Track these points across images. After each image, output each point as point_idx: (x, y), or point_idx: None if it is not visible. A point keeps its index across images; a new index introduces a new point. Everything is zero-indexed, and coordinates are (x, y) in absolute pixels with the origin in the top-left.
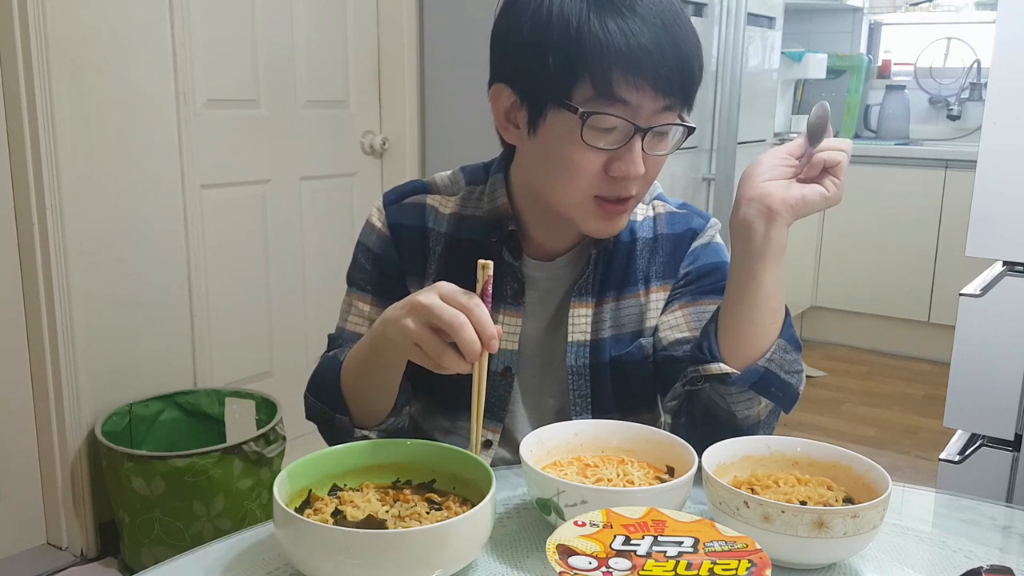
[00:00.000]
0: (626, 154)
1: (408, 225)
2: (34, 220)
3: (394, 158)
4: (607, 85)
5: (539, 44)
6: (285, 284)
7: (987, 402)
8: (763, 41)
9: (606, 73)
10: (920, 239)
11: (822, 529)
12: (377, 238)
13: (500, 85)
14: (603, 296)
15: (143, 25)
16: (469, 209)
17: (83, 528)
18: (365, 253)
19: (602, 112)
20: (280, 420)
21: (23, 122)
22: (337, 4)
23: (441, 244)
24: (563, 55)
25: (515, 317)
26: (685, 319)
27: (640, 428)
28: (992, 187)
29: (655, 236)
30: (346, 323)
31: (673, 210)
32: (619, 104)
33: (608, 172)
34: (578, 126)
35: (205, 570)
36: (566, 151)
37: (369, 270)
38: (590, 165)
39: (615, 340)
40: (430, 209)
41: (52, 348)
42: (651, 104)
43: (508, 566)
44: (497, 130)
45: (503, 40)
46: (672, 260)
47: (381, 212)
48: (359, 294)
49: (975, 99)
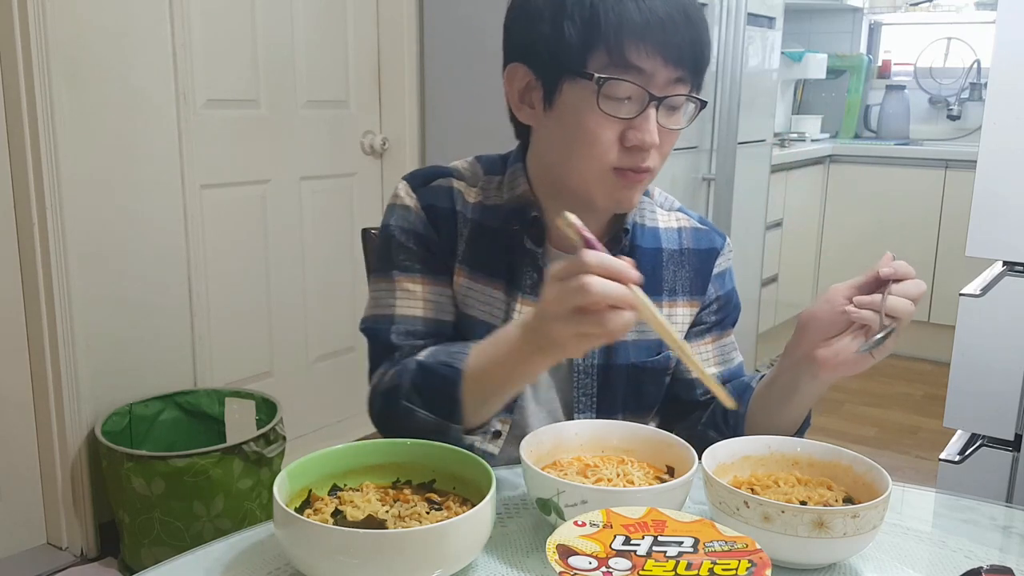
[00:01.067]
0: (642, 123)
1: (440, 207)
2: (34, 220)
3: (394, 158)
4: (621, 53)
5: (555, 15)
6: (285, 284)
7: (987, 402)
8: (763, 41)
9: (620, 41)
10: (920, 239)
11: (822, 529)
12: (416, 218)
13: (515, 65)
14: None
15: (143, 25)
16: (491, 199)
17: (83, 528)
18: (405, 234)
19: (617, 78)
20: (280, 420)
21: (23, 122)
22: (337, 4)
23: (468, 228)
24: (578, 25)
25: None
26: (714, 354)
27: (640, 428)
28: (992, 187)
29: (681, 249)
30: (395, 308)
31: (697, 225)
32: (633, 72)
33: (623, 143)
34: (594, 95)
35: (205, 570)
36: (583, 121)
37: (415, 249)
38: (606, 135)
39: (635, 345)
40: (457, 193)
41: (52, 348)
42: (664, 74)
43: (508, 566)
44: (511, 114)
45: (519, 17)
46: (698, 277)
47: (412, 195)
48: (406, 276)
49: (975, 99)
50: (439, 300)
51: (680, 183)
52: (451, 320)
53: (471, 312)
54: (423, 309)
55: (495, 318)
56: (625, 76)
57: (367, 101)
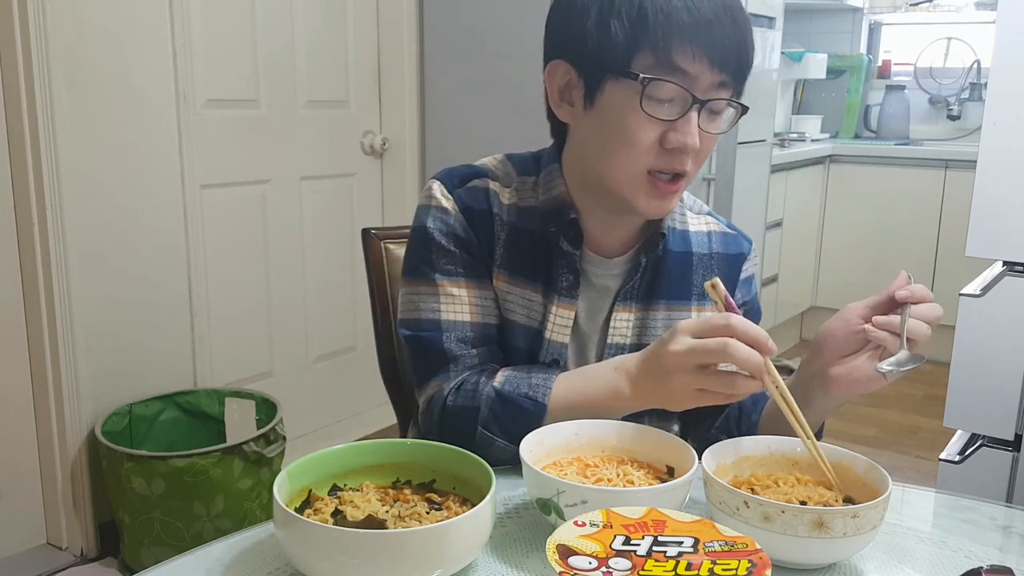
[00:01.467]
0: (684, 125)
1: (477, 209)
2: (34, 220)
3: (394, 158)
4: (667, 54)
5: (601, 13)
6: (285, 284)
7: (987, 402)
8: (763, 41)
9: (668, 43)
10: (920, 239)
11: (822, 529)
12: (455, 220)
13: (557, 62)
14: (652, 303)
15: (143, 25)
16: (526, 200)
17: (83, 528)
18: (446, 237)
19: (662, 79)
20: (280, 420)
21: (23, 122)
22: (337, 4)
23: (505, 231)
24: (625, 23)
25: (568, 310)
26: None
27: (640, 428)
28: (992, 187)
29: (711, 254)
30: (440, 314)
31: (726, 230)
32: (678, 74)
33: (664, 144)
34: (637, 95)
35: (205, 570)
36: (624, 121)
37: (457, 252)
38: (647, 136)
39: None
40: (493, 194)
41: (52, 348)
42: (708, 77)
43: (508, 566)
44: (549, 111)
45: (563, 13)
46: (727, 282)
47: (448, 196)
48: (449, 280)
49: (975, 99)
50: (484, 304)
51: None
52: (497, 323)
53: (511, 316)
54: (470, 314)
55: (534, 321)
56: (670, 78)
57: (367, 101)
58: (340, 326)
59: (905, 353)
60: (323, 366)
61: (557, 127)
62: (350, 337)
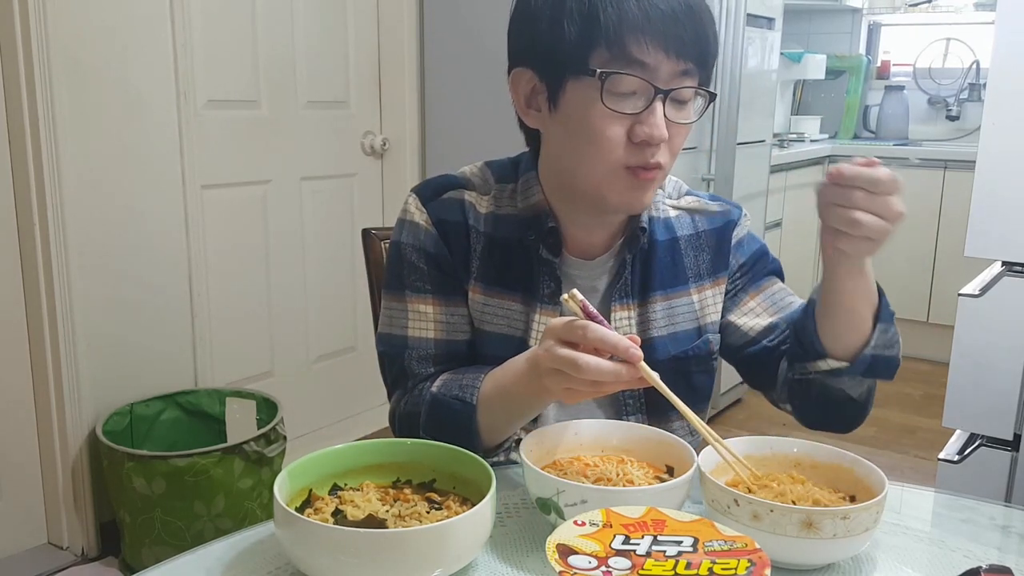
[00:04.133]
0: (648, 117)
1: (452, 221)
2: (35, 220)
3: (394, 158)
4: (622, 48)
5: (554, 15)
6: (286, 284)
7: (986, 402)
8: (762, 42)
9: (621, 36)
10: (919, 239)
11: (811, 529)
12: (426, 236)
13: (519, 70)
14: (649, 296)
15: (143, 25)
16: (504, 208)
17: (84, 528)
18: (416, 252)
19: (620, 72)
20: (281, 420)
21: (24, 122)
22: (337, 5)
23: (481, 243)
24: (578, 22)
25: (552, 316)
26: (762, 306)
27: (640, 428)
28: (991, 188)
29: (697, 233)
30: (408, 330)
31: (708, 204)
32: (636, 66)
33: (632, 139)
34: (598, 92)
35: (206, 570)
36: (589, 119)
37: (425, 270)
38: (613, 131)
39: (672, 338)
40: (468, 205)
41: (53, 348)
42: (669, 67)
43: (508, 566)
44: (519, 120)
45: (519, 20)
46: (719, 255)
47: (422, 210)
48: (418, 296)
49: (974, 100)
50: (451, 321)
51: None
52: (465, 339)
53: (489, 328)
54: (435, 331)
55: (515, 331)
56: (628, 70)
57: (367, 101)
58: (340, 326)
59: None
60: (323, 366)
61: (530, 134)
62: (350, 337)
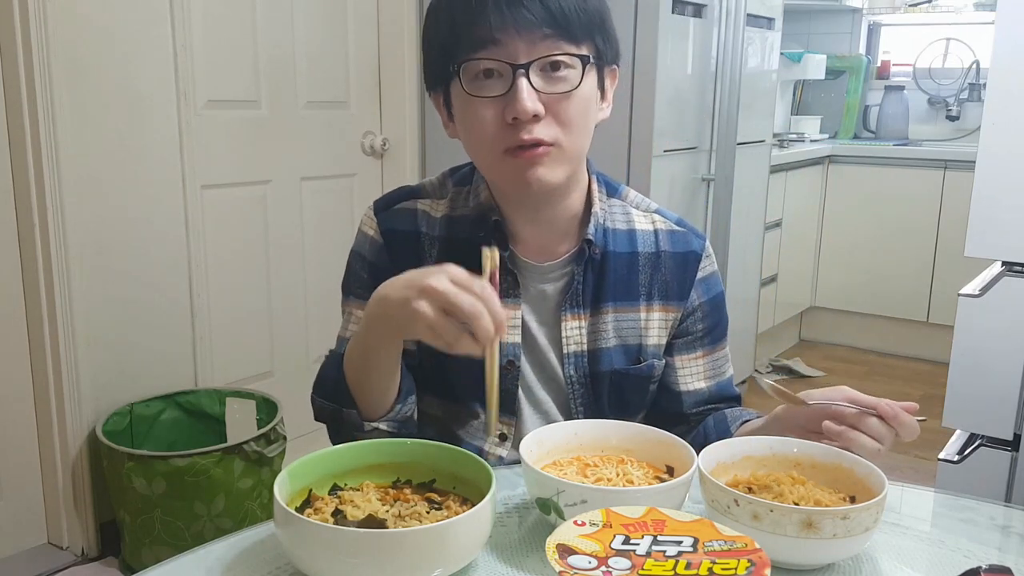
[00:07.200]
0: (513, 94)
1: (401, 231)
2: (35, 221)
3: (394, 159)
4: (470, 36)
5: (430, 35)
6: (285, 284)
7: (986, 402)
8: (762, 42)
9: (469, 26)
10: (919, 239)
11: (811, 529)
12: (371, 246)
13: (432, 95)
14: (601, 306)
15: (144, 25)
16: (459, 210)
17: (84, 528)
18: (360, 261)
19: (470, 57)
20: (281, 420)
21: (24, 122)
22: (338, 5)
23: (436, 247)
24: (444, 31)
25: (512, 309)
26: (705, 369)
27: (640, 428)
28: (991, 188)
29: (658, 252)
30: (346, 332)
31: (673, 227)
32: (488, 47)
33: (506, 120)
34: (462, 84)
35: (206, 570)
36: (465, 113)
37: (365, 278)
38: (484, 115)
39: (617, 351)
40: (421, 214)
41: (53, 348)
42: (524, 40)
43: (508, 566)
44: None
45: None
46: (676, 282)
47: (372, 220)
48: (357, 303)
49: (974, 100)
50: None
51: (679, 183)
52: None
53: None
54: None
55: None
56: (479, 54)
57: (367, 102)
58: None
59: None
60: None
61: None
62: None
